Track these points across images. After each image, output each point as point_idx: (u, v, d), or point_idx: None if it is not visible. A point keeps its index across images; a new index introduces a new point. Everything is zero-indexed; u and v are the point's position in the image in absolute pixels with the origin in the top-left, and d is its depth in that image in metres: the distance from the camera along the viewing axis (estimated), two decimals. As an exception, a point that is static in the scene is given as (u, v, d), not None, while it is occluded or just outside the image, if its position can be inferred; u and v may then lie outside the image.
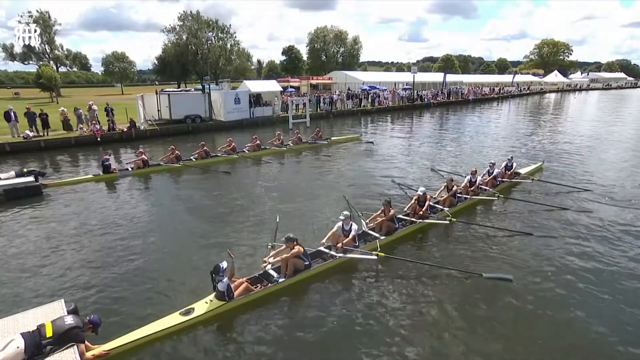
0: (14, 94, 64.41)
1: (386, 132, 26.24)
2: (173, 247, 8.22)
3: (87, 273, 7.05)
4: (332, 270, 7.11)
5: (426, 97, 46.28)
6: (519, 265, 7.31)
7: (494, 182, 11.65)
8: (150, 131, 22.78)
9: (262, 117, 28.62)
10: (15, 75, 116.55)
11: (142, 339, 5.15)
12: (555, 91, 78.75)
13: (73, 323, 4.65)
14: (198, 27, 64.16)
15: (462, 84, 61.23)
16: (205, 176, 14.32)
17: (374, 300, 6.25)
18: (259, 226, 9.12)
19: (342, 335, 5.43)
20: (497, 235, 8.67)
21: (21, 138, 18.81)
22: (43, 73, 50.54)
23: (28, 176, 11.89)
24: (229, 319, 5.79)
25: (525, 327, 5.62)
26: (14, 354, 4.29)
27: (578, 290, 6.52)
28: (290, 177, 14.50)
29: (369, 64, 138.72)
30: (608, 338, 5.39)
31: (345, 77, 52.49)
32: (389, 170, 14.91)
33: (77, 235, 8.81)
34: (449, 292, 6.51)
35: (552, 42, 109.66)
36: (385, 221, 8.23)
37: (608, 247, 8.03)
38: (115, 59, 74.83)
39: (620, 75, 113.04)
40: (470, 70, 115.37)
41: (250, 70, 77.75)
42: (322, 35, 77.21)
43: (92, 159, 17.40)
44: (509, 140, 22.17)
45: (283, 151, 18.19)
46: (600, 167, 15.28)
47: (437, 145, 20.54)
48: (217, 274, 5.82)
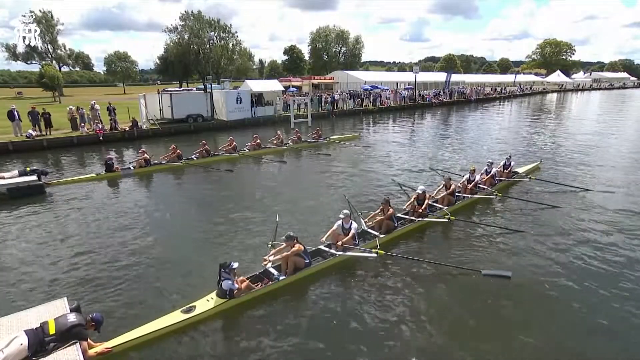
0: (16, 93, 64.62)
1: (387, 132, 26.27)
2: (174, 245, 8.28)
3: (90, 271, 7.11)
4: (332, 269, 7.16)
5: (428, 97, 46.24)
6: (517, 263, 7.36)
7: (492, 181, 11.68)
8: (152, 130, 22.88)
9: (263, 116, 28.69)
10: (18, 74, 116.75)
11: (144, 337, 5.20)
12: (557, 91, 78.47)
13: (76, 321, 4.71)
14: (200, 27, 64.22)
15: (464, 84, 61.17)
16: (207, 175, 14.39)
17: (373, 297, 6.29)
18: (259, 224, 9.17)
19: (342, 333, 5.47)
20: (495, 233, 8.73)
21: (24, 137, 18.93)
22: (46, 73, 50.64)
23: (31, 175, 11.96)
24: (230, 317, 5.85)
25: (524, 324, 5.65)
26: (17, 351, 4.35)
27: (576, 287, 6.55)
28: (290, 176, 14.55)
29: (370, 64, 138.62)
30: (606, 334, 5.43)
31: (347, 77, 52.52)
32: (388, 169, 14.95)
33: (80, 233, 8.89)
34: (448, 289, 6.56)
35: (554, 42, 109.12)
36: (385, 220, 8.27)
37: (606, 244, 8.06)
38: (117, 58, 74.99)
39: (623, 75, 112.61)
40: (472, 70, 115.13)
41: (252, 69, 77.66)
42: (323, 35, 77.18)
43: (95, 158, 17.49)
44: (509, 140, 22.18)
45: (283, 150, 18.26)
46: (599, 166, 15.29)
47: (437, 144, 20.56)
48: (224, 270, 5.88)
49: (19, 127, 19.55)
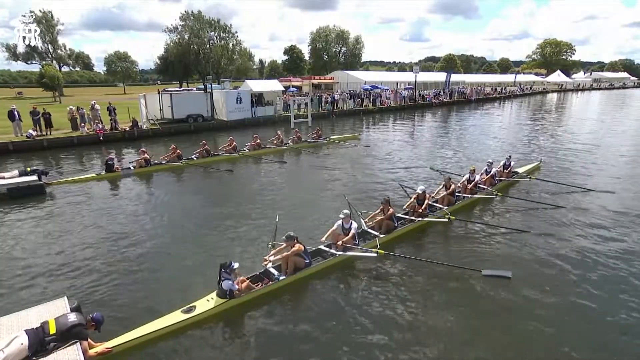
0: (17, 93, 64.63)
1: (387, 132, 26.27)
2: (175, 245, 8.28)
3: (90, 271, 7.12)
4: (332, 268, 7.17)
5: (428, 97, 46.25)
6: (517, 263, 7.36)
7: (492, 181, 11.69)
8: (152, 130, 22.89)
9: (264, 116, 28.69)
10: (19, 75, 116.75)
11: (144, 337, 5.20)
12: (557, 91, 78.46)
13: (76, 320, 4.72)
14: (200, 27, 64.22)
15: (464, 84, 61.16)
16: (206, 175, 14.41)
17: (373, 297, 6.30)
18: (259, 224, 9.17)
19: (342, 333, 5.47)
20: (495, 233, 8.74)
21: (24, 137, 18.93)
22: (46, 73, 50.68)
23: (31, 175, 11.97)
24: (230, 317, 5.85)
25: (524, 324, 5.65)
26: (17, 351, 4.36)
27: (576, 286, 6.56)
28: (290, 176, 14.55)
29: (370, 64, 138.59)
30: (607, 334, 5.43)
31: (347, 77, 52.52)
32: (388, 169, 14.95)
33: (80, 233, 8.89)
34: (448, 289, 6.56)
35: (554, 42, 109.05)
36: (385, 219, 8.27)
37: (606, 244, 8.06)
38: (117, 58, 74.99)
39: (623, 75, 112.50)
40: (472, 70, 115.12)
41: (252, 69, 77.65)
42: (324, 34, 77.19)
43: (95, 158, 17.49)
44: (509, 139, 22.18)
45: (283, 150, 18.27)
46: (599, 166, 15.29)
47: (437, 144, 20.57)
48: (224, 270, 5.89)
49: (19, 127, 19.56)
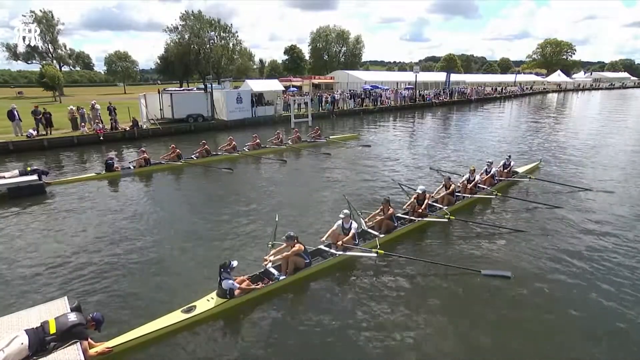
0: (17, 93, 64.60)
1: (387, 132, 26.26)
2: (174, 244, 8.28)
3: (90, 271, 7.12)
4: (332, 268, 7.17)
5: (428, 97, 46.23)
6: (517, 262, 7.37)
7: (492, 181, 11.69)
8: (152, 130, 22.88)
9: (264, 116, 28.66)
10: (19, 74, 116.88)
11: (144, 337, 5.21)
12: (557, 91, 78.43)
13: (76, 320, 4.72)
14: (200, 27, 64.21)
15: (464, 84, 61.13)
16: (206, 174, 14.41)
17: (373, 297, 6.30)
18: (259, 224, 9.18)
19: (342, 332, 5.48)
20: (495, 233, 8.75)
21: (25, 137, 18.93)
22: (46, 72, 50.64)
23: (32, 175, 11.96)
24: (231, 317, 5.86)
25: (524, 324, 5.66)
26: (18, 350, 4.36)
27: (576, 286, 6.56)
28: (290, 175, 14.55)
29: (371, 64, 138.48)
30: (607, 334, 5.43)
31: (347, 77, 52.46)
32: (388, 169, 14.94)
33: (80, 233, 8.89)
34: (448, 288, 6.57)
35: (555, 41, 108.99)
36: (385, 219, 8.27)
37: (606, 244, 8.06)
38: (117, 58, 75.02)
39: (623, 75, 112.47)
40: (472, 70, 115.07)
41: (252, 69, 77.66)
42: (324, 34, 77.18)
43: (95, 158, 17.50)
44: (509, 139, 22.16)
45: (283, 150, 18.26)
46: (599, 166, 15.28)
47: (437, 144, 20.57)
48: (224, 269, 5.90)
49: (19, 127, 19.55)
